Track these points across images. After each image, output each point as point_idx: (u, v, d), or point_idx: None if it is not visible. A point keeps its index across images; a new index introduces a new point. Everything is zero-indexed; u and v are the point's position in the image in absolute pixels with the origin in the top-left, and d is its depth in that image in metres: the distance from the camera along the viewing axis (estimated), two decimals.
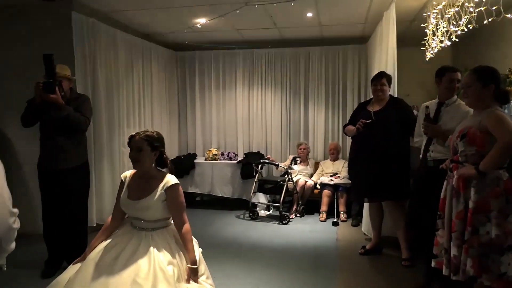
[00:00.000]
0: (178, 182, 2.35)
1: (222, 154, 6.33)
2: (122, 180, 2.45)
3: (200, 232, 4.89)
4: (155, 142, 2.34)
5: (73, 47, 4.41)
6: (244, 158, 6.27)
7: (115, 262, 2.13)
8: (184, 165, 6.17)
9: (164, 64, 6.52)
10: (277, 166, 5.87)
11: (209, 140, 6.92)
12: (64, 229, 3.46)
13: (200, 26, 5.41)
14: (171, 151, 6.70)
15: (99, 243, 2.32)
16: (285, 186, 5.40)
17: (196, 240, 2.51)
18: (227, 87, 6.81)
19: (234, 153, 6.35)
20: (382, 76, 3.78)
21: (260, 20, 5.31)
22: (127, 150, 5.52)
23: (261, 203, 5.82)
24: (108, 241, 2.30)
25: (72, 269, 2.24)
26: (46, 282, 2.72)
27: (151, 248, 2.20)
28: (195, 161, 6.24)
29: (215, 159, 6.19)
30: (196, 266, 2.29)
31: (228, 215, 5.76)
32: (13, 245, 2.08)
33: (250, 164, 5.81)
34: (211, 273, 2.52)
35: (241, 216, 5.66)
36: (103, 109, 4.92)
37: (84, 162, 3.60)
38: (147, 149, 2.31)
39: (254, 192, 5.65)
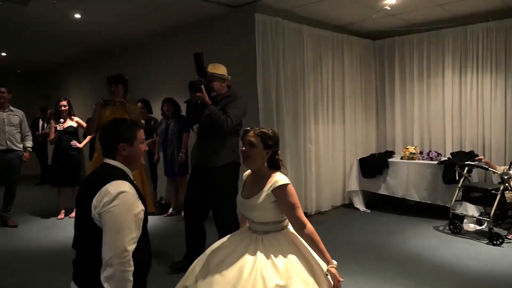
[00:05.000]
0: (288, 182, 2.09)
1: (421, 153, 5.44)
2: (243, 178, 2.36)
3: (380, 240, 4.37)
4: (268, 140, 2.15)
5: (255, 47, 4.64)
6: (448, 158, 5.22)
7: (223, 262, 2.07)
8: (377, 164, 5.63)
9: (359, 55, 6.12)
10: (487, 170, 4.59)
11: (410, 137, 6.10)
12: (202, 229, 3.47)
13: (389, 8, 4.78)
14: (367, 148, 6.26)
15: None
16: (498, 196, 4.17)
17: None
18: (433, 74, 5.81)
19: (436, 152, 5.36)
20: None
21: None
22: (313, 146, 5.53)
23: (469, 216, 4.69)
24: (226, 238, 2.27)
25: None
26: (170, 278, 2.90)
27: (258, 253, 2.04)
28: (389, 159, 5.59)
29: (412, 158, 5.38)
30: (335, 265, 2.01)
31: (424, 224, 4.91)
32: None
33: (454, 165, 4.77)
34: None
35: (441, 228, 4.73)
36: (286, 105, 5.00)
37: (226, 163, 3.32)
38: (259, 146, 2.13)
39: (457, 201, 4.62)
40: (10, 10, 4.75)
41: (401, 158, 5.51)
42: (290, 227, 2.18)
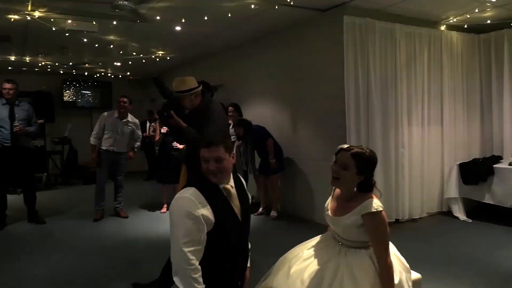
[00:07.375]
0: (381, 209, 1.92)
1: None
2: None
3: (480, 254, 4.02)
4: (364, 166, 1.97)
5: (344, 49, 4.60)
6: None
7: (304, 270, 2.06)
8: (480, 170, 5.16)
9: (460, 51, 5.66)
10: None
11: None
12: None
13: (494, 0, 4.35)
14: (469, 153, 5.76)
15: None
16: None
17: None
18: None
19: None
20: None
21: None
22: (406, 150, 5.31)
23: None
24: (314, 242, 2.24)
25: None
26: None
27: (339, 267, 1.99)
28: (494, 165, 5.08)
29: None
30: None
31: None
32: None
33: None
34: None
35: None
36: (377, 107, 4.86)
37: None
38: (352, 171, 1.96)
39: None
40: (123, 26, 5.38)
41: (509, 164, 4.97)
42: None
